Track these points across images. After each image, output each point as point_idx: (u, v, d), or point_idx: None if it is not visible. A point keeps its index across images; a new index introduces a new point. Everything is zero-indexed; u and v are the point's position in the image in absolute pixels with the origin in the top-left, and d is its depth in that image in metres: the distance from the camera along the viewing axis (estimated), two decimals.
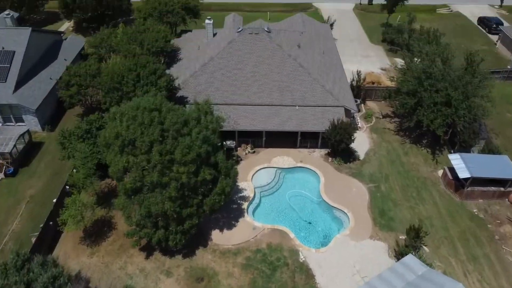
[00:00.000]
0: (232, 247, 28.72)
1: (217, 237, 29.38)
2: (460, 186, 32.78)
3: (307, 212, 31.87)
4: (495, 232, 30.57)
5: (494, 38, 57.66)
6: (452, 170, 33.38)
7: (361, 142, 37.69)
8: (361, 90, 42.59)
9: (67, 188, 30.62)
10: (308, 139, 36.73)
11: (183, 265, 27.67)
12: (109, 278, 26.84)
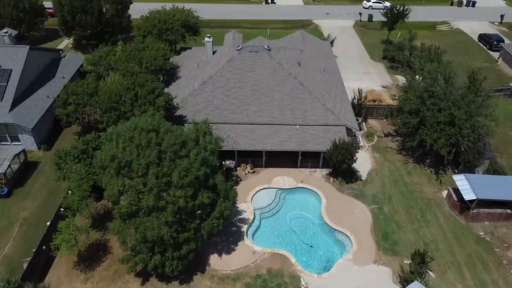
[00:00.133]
0: (231, 273, 27.72)
1: (215, 261, 28.41)
2: (465, 208, 31.95)
3: (308, 235, 30.94)
4: (502, 256, 29.60)
5: (495, 55, 57.45)
6: (456, 191, 32.61)
7: (363, 162, 36.96)
8: (363, 108, 42.06)
9: (61, 210, 29.79)
10: (309, 159, 36.02)
11: None
12: None
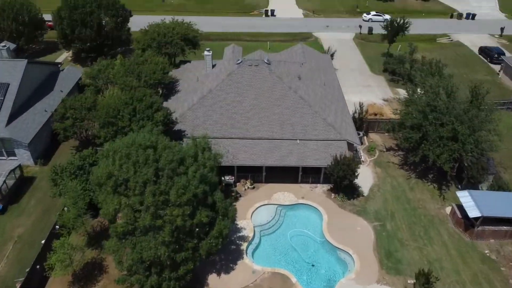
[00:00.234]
0: None
1: (214, 281, 27.61)
2: (470, 225, 31.24)
3: (309, 253, 30.18)
4: (509, 275, 28.80)
5: (496, 68, 57.18)
6: (460, 207, 31.96)
7: (365, 177, 36.33)
8: (364, 122, 41.56)
9: (56, 228, 29.08)
10: (310, 174, 35.42)
11: None
12: None
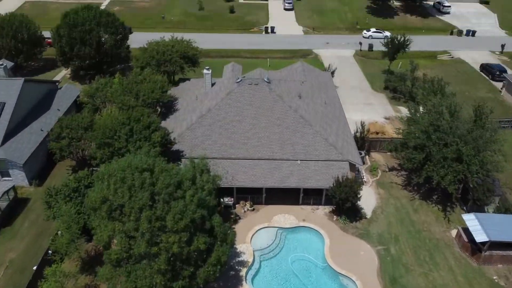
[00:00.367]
0: None
1: None
2: (477, 250, 30.24)
3: (311, 279, 29.10)
4: None
5: (498, 85, 56.69)
6: (466, 231, 31.01)
7: (368, 198, 35.44)
8: (365, 141, 40.83)
9: (49, 253, 28.10)
10: (311, 195, 34.56)
11: None
12: None
